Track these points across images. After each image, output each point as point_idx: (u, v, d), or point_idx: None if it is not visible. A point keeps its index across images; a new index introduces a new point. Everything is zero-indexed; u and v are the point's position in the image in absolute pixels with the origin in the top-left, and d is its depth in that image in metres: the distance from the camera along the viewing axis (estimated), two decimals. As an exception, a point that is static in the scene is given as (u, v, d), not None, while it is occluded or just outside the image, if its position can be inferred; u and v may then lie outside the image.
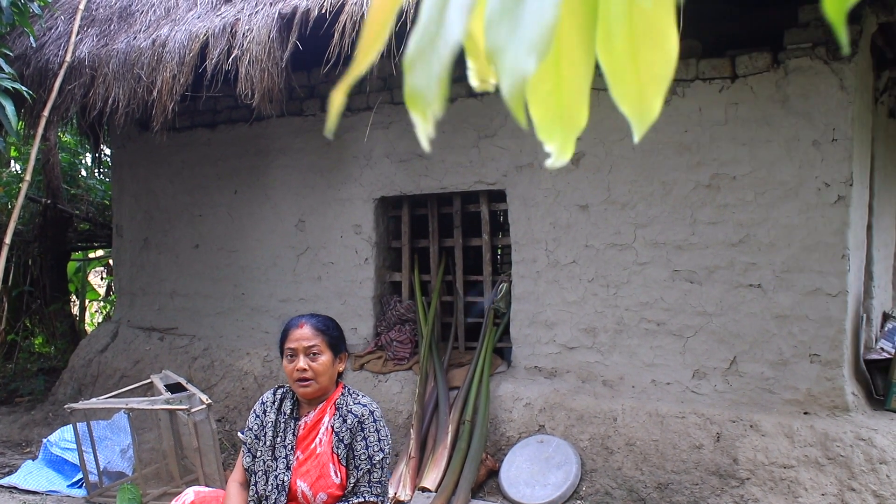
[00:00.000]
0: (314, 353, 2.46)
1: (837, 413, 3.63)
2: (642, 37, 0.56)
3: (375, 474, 2.42)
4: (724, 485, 3.62)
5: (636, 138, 0.59)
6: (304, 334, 2.49)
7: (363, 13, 3.73)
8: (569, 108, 0.56)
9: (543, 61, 0.50)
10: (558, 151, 0.57)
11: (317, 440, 2.46)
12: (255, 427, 2.54)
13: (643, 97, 0.58)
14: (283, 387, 2.63)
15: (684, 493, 3.69)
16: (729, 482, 3.62)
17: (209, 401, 3.96)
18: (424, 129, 0.50)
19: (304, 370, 2.45)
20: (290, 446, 2.46)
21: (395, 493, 3.90)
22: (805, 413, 3.68)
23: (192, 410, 3.85)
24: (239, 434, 2.73)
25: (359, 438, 2.42)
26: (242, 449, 2.56)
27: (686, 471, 3.73)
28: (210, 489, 2.68)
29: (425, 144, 0.51)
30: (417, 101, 0.49)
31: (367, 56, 0.53)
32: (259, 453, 2.49)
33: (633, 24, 0.55)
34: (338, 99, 0.55)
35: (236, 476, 2.56)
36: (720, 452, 3.69)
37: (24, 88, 4.53)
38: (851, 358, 3.79)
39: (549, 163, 0.58)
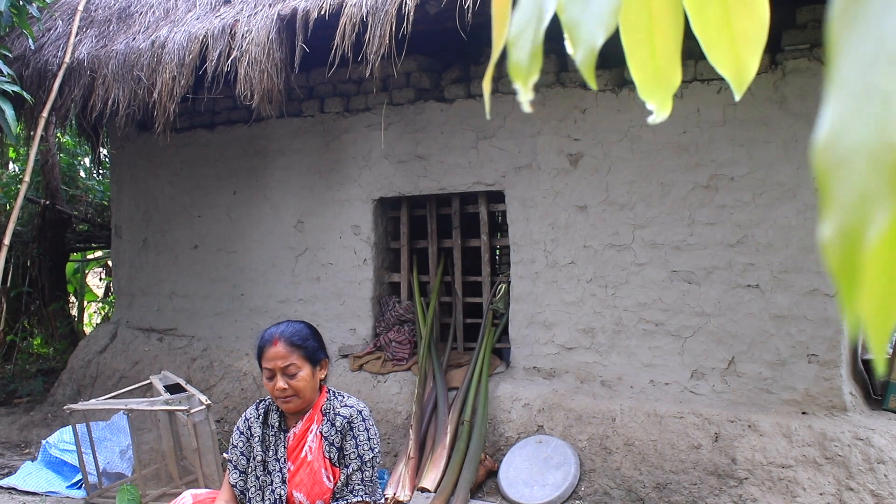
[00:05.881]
0: (292, 372, 2.38)
1: (835, 413, 3.64)
2: (735, 7, 0.65)
3: (366, 473, 2.41)
4: (722, 485, 3.63)
5: (737, 97, 0.69)
6: (279, 353, 2.39)
7: (362, 15, 3.74)
8: (664, 71, 0.67)
9: (638, 32, 0.64)
10: (658, 108, 0.67)
11: (306, 448, 2.43)
12: (241, 444, 2.49)
13: (739, 60, 0.67)
14: (265, 400, 2.57)
15: (683, 493, 3.70)
16: (727, 482, 3.63)
17: (208, 401, 3.96)
18: (525, 96, 0.60)
19: (285, 389, 2.38)
20: (282, 459, 2.43)
21: (395, 494, 3.91)
22: (803, 413, 3.69)
23: (192, 411, 3.85)
24: (224, 454, 2.68)
25: (348, 438, 2.41)
26: (228, 468, 2.51)
27: (684, 471, 3.74)
28: (206, 490, 2.67)
29: (526, 107, 0.61)
30: (519, 72, 0.60)
31: (499, 41, 0.64)
32: (249, 470, 2.46)
33: None
34: (487, 86, 0.68)
35: (224, 495, 2.49)
36: (718, 452, 3.70)
37: (23, 92, 4.53)
38: (849, 358, 3.80)
39: (650, 119, 0.67)
